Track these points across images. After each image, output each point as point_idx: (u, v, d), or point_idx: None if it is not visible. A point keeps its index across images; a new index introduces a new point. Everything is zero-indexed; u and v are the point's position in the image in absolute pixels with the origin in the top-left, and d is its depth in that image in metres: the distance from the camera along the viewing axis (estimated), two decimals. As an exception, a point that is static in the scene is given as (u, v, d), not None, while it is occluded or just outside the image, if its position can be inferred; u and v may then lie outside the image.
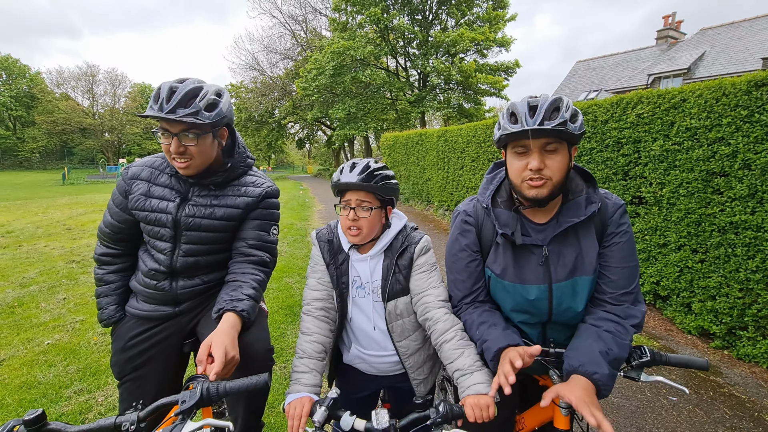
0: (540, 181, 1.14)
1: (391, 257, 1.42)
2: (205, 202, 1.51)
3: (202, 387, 1.03)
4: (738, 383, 2.95)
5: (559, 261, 1.22)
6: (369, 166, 1.36)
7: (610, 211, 1.24)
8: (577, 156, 4.69)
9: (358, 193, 1.36)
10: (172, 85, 1.33)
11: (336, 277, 1.45)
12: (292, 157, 66.87)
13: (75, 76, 53.15)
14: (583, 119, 1.15)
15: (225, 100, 1.43)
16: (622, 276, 1.20)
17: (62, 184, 25.98)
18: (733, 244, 3.24)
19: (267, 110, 34.20)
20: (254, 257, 1.55)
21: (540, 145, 1.12)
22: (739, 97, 3.18)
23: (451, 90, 24.45)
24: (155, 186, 1.52)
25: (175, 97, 1.31)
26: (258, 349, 1.47)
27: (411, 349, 1.45)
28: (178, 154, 1.38)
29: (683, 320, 3.72)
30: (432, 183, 10.84)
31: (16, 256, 6.41)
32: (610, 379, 1.08)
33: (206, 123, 1.34)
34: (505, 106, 1.33)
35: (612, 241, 1.22)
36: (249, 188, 1.58)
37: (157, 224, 1.50)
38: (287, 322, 3.94)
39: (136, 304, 1.59)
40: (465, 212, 1.37)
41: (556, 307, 1.24)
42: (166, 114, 1.29)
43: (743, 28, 19.68)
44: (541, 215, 1.26)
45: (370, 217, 1.36)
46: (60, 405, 2.58)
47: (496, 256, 1.29)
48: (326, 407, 1.09)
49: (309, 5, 32.63)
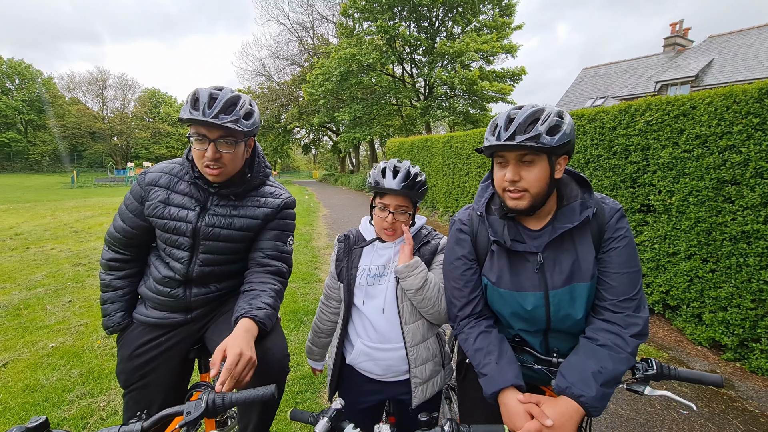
0: (518, 193, 1.15)
1: (416, 244, 1.51)
2: (225, 212, 1.50)
3: (208, 398, 1.00)
4: (751, 397, 2.87)
5: (555, 267, 1.20)
6: (410, 172, 1.42)
7: (607, 216, 1.21)
8: (584, 163, 4.65)
9: (398, 199, 1.43)
10: (211, 92, 1.35)
11: (346, 269, 1.54)
12: (298, 162, 67.29)
13: (86, 81, 54.20)
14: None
15: (257, 111, 1.46)
16: (622, 282, 1.16)
17: (71, 187, 26.28)
18: (745, 253, 3.17)
19: (273, 115, 34.53)
20: (272, 267, 1.54)
21: (515, 157, 1.14)
22: (751, 105, 3.14)
23: (456, 97, 24.51)
24: (174, 194, 1.50)
25: (217, 103, 1.32)
26: (276, 355, 1.45)
27: (416, 338, 1.47)
28: (213, 161, 1.37)
29: (693, 331, 3.64)
30: (437, 189, 10.82)
31: (23, 258, 6.47)
32: (600, 400, 1.06)
33: (244, 131, 1.37)
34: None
35: (610, 247, 1.19)
36: (269, 199, 1.58)
37: (176, 233, 1.48)
38: (291, 327, 3.91)
39: (144, 311, 1.57)
40: (460, 221, 1.38)
41: (554, 315, 1.22)
42: (210, 119, 1.30)
43: (752, 35, 19.55)
44: (536, 222, 1.25)
45: (405, 220, 1.48)
46: (62, 409, 2.57)
47: (492, 263, 1.28)
48: (329, 418, 1.06)
49: (316, 12, 33.06)
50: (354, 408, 1.54)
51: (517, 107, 1.16)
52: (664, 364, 1.16)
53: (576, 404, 1.06)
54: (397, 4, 22.05)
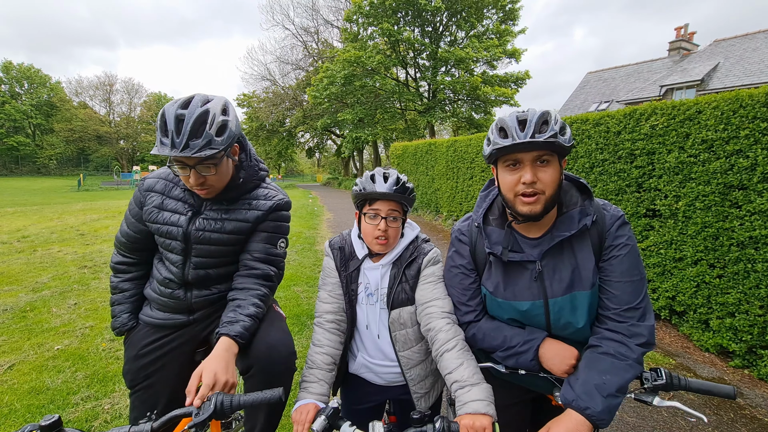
0: (533, 196, 1.12)
1: (399, 266, 1.44)
2: (216, 216, 1.50)
3: (216, 400, 1.01)
4: (760, 405, 2.83)
5: (555, 275, 1.19)
6: (400, 178, 1.41)
7: (607, 224, 1.19)
8: (589, 167, 4.63)
9: (390, 204, 1.39)
10: (177, 113, 1.25)
11: (346, 284, 1.47)
12: (302, 166, 67.57)
13: (93, 85, 54.82)
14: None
15: (232, 117, 1.35)
16: (625, 291, 1.14)
17: (78, 191, 26.55)
18: (753, 259, 3.14)
19: (278, 119, 34.73)
20: (258, 271, 1.53)
21: (532, 158, 1.12)
22: (758, 109, 3.12)
23: (460, 101, 24.54)
24: (169, 199, 1.51)
25: (185, 127, 1.23)
26: (282, 352, 1.46)
27: (413, 360, 1.44)
28: (197, 186, 1.36)
29: (701, 337, 3.60)
30: (441, 193, 10.81)
31: (30, 260, 6.52)
32: (606, 413, 1.05)
33: (221, 149, 1.29)
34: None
35: (611, 255, 1.17)
36: (260, 201, 1.56)
37: (168, 237, 1.49)
38: (294, 331, 3.91)
39: (150, 312, 1.59)
40: (460, 231, 1.38)
41: (555, 323, 1.21)
42: (180, 153, 1.23)
43: (758, 39, 19.45)
44: (536, 230, 1.24)
45: (397, 227, 1.41)
46: (67, 411, 2.58)
47: (490, 273, 1.29)
48: (326, 416, 1.08)
49: (321, 17, 33.27)
50: (356, 408, 1.55)
51: (520, 111, 1.16)
52: (674, 374, 1.12)
53: (582, 417, 1.05)
54: (401, 9, 22.17)
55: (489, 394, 1.12)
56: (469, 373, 1.17)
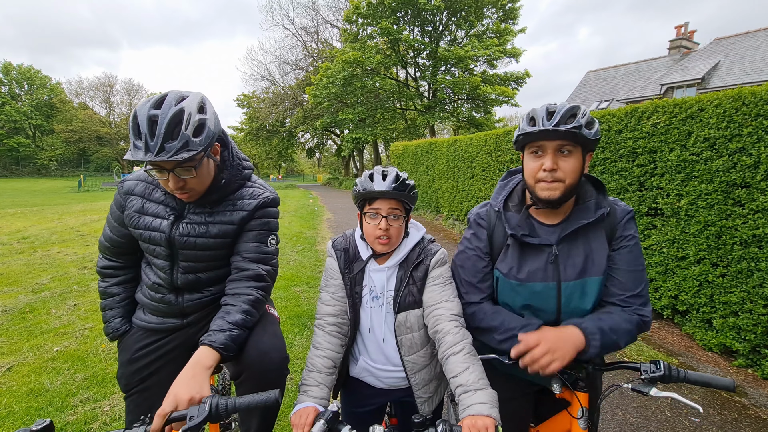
0: (553, 183, 1.19)
1: (406, 268, 1.41)
2: (200, 220, 1.43)
3: (212, 403, 1.00)
4: (764, 405, 2.80)
5: (569, 261, 1.27)
6: (399, 175, 1.37)
7: (619, 216, 1.29)
8: (591, 166, 4.61)
9: (390, 202, 1.36)
10: (150, 113, 1.17)
11: (350, 286, 1.43)
12: (302, 166, 67.53)
13: (93, 86, 54.87)
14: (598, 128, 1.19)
15: (210, 114, 1.27)
16: (630, 279, 1.25)
17: (78, 192, 26.57)
18: (756, 258, 3.12)
19: (278, 120, 34.73)
20: (249, 272, 1.47)
21: (555, 147, 1.18)
22: (761, 107, 3.09)
23: (460, 100, 24.52)
24: (149, 202, 1.45)
25: (159, 129, 1.15)
26: (275, 358, 1.42)
27: (418, 365, 1.42)
28: (177, 189, 1.30)
29: (704, 336, 3.58)
30: (441, 192, 10.79)
31: (30, 261, 6.51)
32: (598, 336, 1.15)
33: (199, 151, 1.21)
34: (519, 113, 1.38)
35: (621, 245, 1.27)
36: (245, 201, 1.49)
37: (152, 242, 1.43)
38: (295, 332, 3.89)
39: (143, 316, 1.56)
40: (478, 215, 1.44)
41: (565, 306, 1.27)
42: (156, 157, 1.15)
43: (759, 37, 19.40)
44: (553, 217, 1.31)
45: (399, 226, 1.38)
46: (66, 414, 2.56)
47: (505, 256, 1.34)
48: (325, 420, 1.07)
49: (320, 17, 33.28)
50: (356, 410, 1.53)
51: (549, 104, 1.24)
52: (672, 367, 1.14)
53: (577, 330, 1.17)
54: (400, 9, 22.15)
55: (493, 399, 1.10)
56: (475, 378, 1.15)
